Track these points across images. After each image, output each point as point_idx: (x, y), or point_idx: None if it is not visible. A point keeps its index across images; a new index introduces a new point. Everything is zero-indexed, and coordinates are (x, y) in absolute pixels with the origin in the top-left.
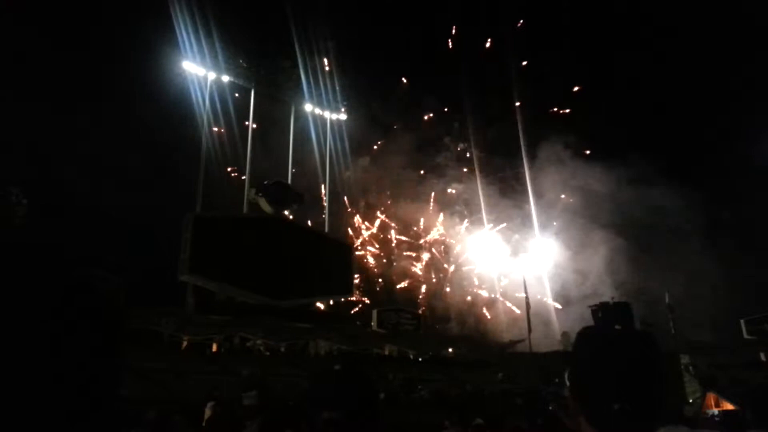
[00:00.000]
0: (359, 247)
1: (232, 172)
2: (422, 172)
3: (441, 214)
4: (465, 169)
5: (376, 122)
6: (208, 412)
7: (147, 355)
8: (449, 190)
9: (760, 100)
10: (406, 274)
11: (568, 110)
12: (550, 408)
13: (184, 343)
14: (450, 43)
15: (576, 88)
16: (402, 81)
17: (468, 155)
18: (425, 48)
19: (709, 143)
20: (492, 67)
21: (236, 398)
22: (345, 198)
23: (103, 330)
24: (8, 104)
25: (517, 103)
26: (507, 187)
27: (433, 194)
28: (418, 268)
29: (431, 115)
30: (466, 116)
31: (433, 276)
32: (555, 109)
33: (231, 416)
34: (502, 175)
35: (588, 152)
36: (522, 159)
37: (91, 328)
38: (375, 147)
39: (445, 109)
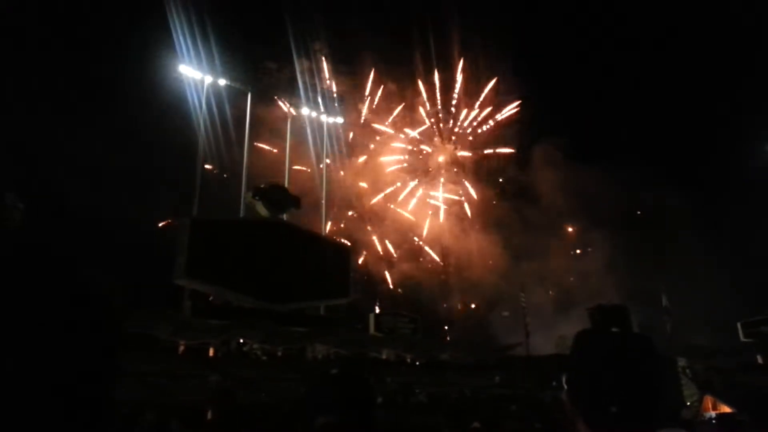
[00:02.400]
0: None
1: (228, 175)
2: (416, 174)
3: (440, 217)
4: (461, 171)
5: (369, 125)
6: (210, 416)
7: (143, 359)
8: (445, 193)
9: (761, 99)
10: (406, 277)
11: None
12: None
13: (181, 348)
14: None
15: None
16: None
17: (463, 157)
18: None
19: (707, 144)
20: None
21: (229, 404)
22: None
23: (101, 332)
24: (4, 108)
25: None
26: (505, 190)
27: (429, 197)
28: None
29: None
30: (458, 118)
31: (435, 279)
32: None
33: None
34: (500, 177)
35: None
36: (520, 160)
37: (90, 330)
38: (370, 149)
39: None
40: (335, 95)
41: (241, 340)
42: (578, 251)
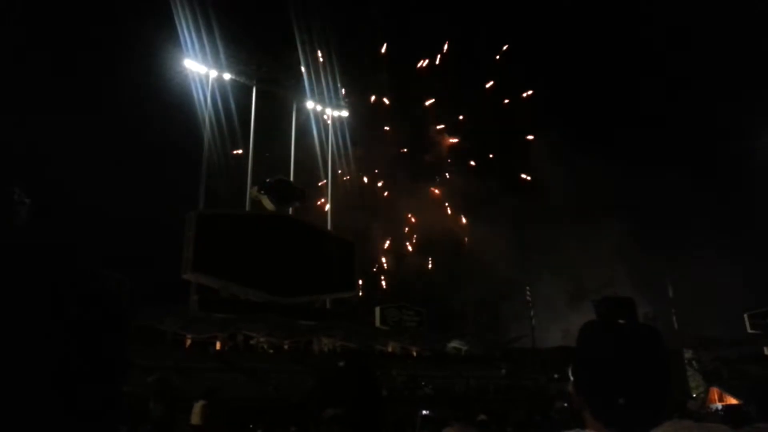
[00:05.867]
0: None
1: (234, 169)
2: (422, 166)
3: (447, 209)
4: (465, 162)
5: (374, 118)
6: (196, 411)
7: (151, 354)
8: (451, 184)
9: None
10: (417, 270)
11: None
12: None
13: (188, 341)
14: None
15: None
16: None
17: (465, 148)
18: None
19: (715, 135)
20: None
21: (236, 397)
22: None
23: (110, 327)
24: (9, 103)
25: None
26: (509, 180)
27: (436, 189)
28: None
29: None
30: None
31: (444, 271)
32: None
33: (224, 416)
34: (503, 167)
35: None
36: (522, 150)
37: (98, 325)
38: (374, 141)
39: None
40: (340, 89)
41: (248, 334)
42: (586, 244)
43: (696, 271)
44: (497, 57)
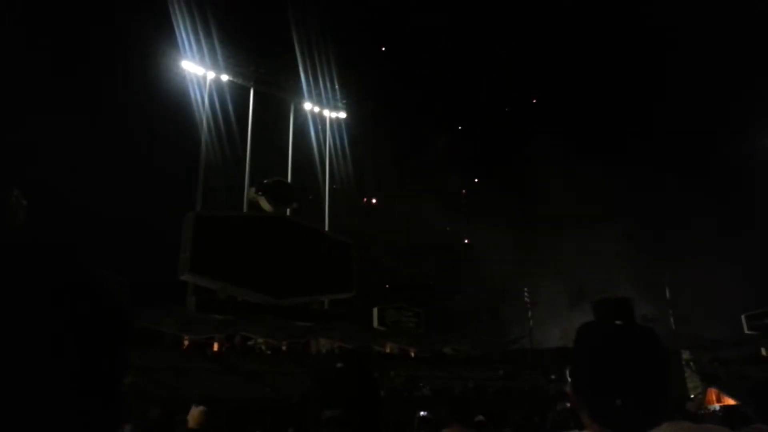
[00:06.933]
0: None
1: (231, 170)
2: (421, 168)
3: (446, 211)
4: (465, 164)
5: (373, 120)
6: (194, 415)
7: (149, 355)
8: (451, 186)
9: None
10: (415, 271)
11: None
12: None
13: (186, 343)
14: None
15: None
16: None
17: (465, 151)
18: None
19: (712, 135)
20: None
21: (234, 398)
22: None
23: (110, 329)
24: (7, 104)
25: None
26: (508, 183)
27: (435, 191)
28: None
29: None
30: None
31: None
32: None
33: (222, 418)
34: (502, 170)
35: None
36: (522, 152)
37: (99, 327)
38: (372, 144)
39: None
40: (338, 90)
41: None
42: (584, 245)
43: (694, 272)
44: (498, 59)
